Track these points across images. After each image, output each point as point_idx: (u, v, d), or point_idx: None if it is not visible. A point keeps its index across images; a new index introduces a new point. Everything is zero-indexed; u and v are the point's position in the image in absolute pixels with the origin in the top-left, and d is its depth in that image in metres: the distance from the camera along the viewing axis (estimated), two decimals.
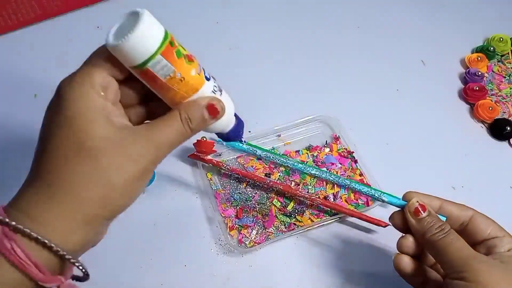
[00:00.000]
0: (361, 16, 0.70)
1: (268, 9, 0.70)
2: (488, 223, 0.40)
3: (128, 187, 0.30)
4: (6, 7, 0.64)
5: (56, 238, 0.29)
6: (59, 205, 0.29)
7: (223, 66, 0.63)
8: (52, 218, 0.29)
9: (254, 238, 0.49)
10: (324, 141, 0.57)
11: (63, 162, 0.29)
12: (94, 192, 0.29)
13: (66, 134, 0.30)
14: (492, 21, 0.70)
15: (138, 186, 0.31)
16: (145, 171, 0.31)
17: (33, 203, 0.29)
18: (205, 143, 0.52)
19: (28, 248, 0.28)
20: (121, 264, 0.47)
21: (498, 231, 0.39)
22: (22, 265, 0.28)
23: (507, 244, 0.38)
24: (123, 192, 0.30)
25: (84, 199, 0.29)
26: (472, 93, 0.61)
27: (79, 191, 0.29)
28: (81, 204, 0.29)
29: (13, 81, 0.60)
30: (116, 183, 0.30)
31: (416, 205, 0.39)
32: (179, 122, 0.32)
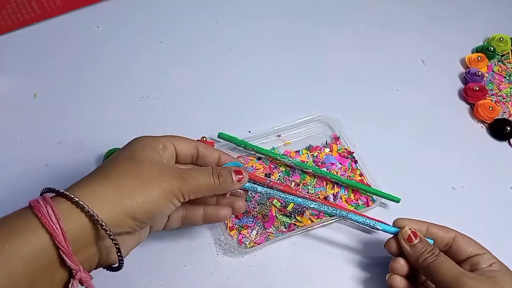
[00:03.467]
0: (361, 16, 0.70)
1: (268, 9, 0.70)
2: (470, 242, 0.44)
3: (155, 194, 0.37)
4: (6, 7, 0.64)
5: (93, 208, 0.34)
6: (98, 186, 0.36)
7: (223, 66, 0.63)
8: (90, 195, 0.34)
9: (254, 238, 0.49)
10: (324, 141, 0.57)
11: (115, 163, 0.38)
12: (129, 184, 0.36)
13: (125, 152, 0.39)
14: (492, 21, 0.70)
15: (162, 201, 0.38)
16: (168, 189, 0.38)
17: (80, 186, 0.35)
18: (205, 143, 0.52)
19: (63, 214, 0.32)
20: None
21: (479, 249, 0.43)
22: (52, 228, 0.32)
23: (488, 260, 0.42)
24: (148, 193, 0.37)
25: (122, 186, 0.36)
26: (472, 93, 0.61)
27: (119, 181, 0.36)
28: (119, 189, 0.36)
29: (13, 81, 0.60)
30: (146, 183, 0.37)
31: (408, 232, 0.44)
32: (209, 172, 0.41)
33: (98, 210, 0.34)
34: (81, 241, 0.34)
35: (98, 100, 0.59)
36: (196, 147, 0.43)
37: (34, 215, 0.32)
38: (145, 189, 0.36)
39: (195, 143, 0.44)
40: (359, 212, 0.50)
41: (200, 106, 0.59)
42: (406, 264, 0.44)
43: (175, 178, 0.38)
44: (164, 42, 0.65)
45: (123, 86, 0.60)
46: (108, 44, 0.64)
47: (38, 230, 0.32)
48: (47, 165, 0.53)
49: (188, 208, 0.43)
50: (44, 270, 0.32)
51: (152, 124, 0.57)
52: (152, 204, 0.37)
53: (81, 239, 0.34)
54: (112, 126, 0.57)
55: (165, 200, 0.38)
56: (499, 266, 0.42)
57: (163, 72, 0.62)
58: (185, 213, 0.44)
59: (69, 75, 0.61)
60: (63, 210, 0.33)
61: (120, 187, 0.36)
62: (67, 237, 0.32)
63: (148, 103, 0.59)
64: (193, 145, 0.43)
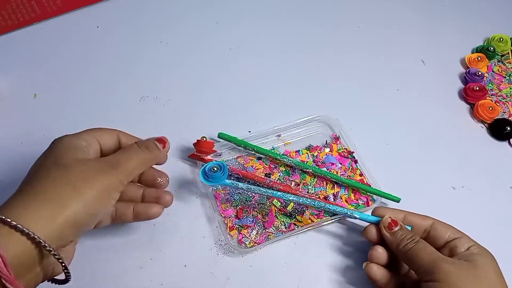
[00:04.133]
0: (361, 16, 0.70)
1: (268, 9, 0.70)
2: (447, 227, 0.44)
3: (93, 194, 0.36)
4: (6, 7, 0.64)
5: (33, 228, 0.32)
6: (32, 203, 0.34)
7: (223, 66, 0.63)
8: (26, 214, 0.33)
9: (254, 238, 0.49)
10: (324, 141, 0.57)
11: (43, 173, 0.36)
12: (63, 193, 0.35)
13: (49, 158, 0.38)
14: (492, 21, 0.70)
15: (103, 199, 0.37)
16: (106, 186, 0.37)
17: (13, 207, 0.34)
18: (205, 143, 0.52)
19: (2, 240, 0.31)
20: (121, 264, 0.47)
21: (456, 233, 0.44)
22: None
23: (465, 243, 0.43)
24: (89, 197, 0.36)
25: (54, 196, 0.34)
26: (472, 93, 0.61)
27: (50, 190, 0.35)
28: (51, 200, 0.34)
29: (13, 81, 0.60)
30: (80, 188, 0.35)
31: (389, 220, 0.45)
32: (136, 147, 0.41)
33: (38, 230, 0.32)
34: (25, 264, 0.33)
35: (98, 100, 0.59)
36: (117, 137, 0.43)
37: None
38: (81, 194, 0.35)
39: (116, 133, 0.43)
40: (340, 203, 0.51)
41: (200, 106, 0.59)
42: (385, 252, 0.45)
43: (108, 171, 0.38)
44: (164, 42, 0.65)
45: (123, 86, 0.60)
46: (108, 44, 0.64)
47: None
48: None
49: (117, 205, 0.42)
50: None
51: (152, 124, 0.57)
52: (92, 207, 0.36)
53: (24, 262, 0.33)
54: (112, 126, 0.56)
55: (104, 198, 0.37)
56: (478, 249, 0.42)
57: (163, 72, 0.62)
58: (115, 211, 0.43)
59: (69, 75, 0.61)
60: (1, 235, 0.31)
61: (54, 199, 0.34)
62: (8, 264, 0.31)
63: (148, 103, 0.59)
64: (115, 135, 0.43)
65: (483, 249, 0.42)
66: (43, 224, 0.33)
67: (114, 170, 0.38)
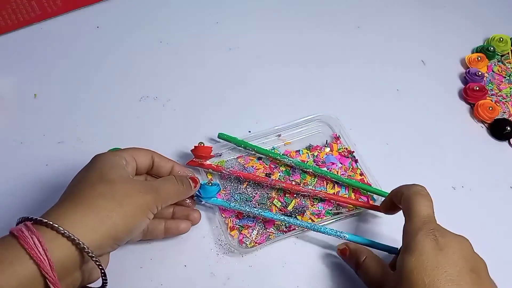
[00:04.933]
0: (361, 16, 0.70)
1: (268, 9, 0.70)
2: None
3: (132, 212, 0.39)
4: (6, 7, 0.64)
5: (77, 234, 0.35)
6: (79, 214, 0.36)
7: (223, 66, 0.63)
8: (73, 223, 0.35)
9: (254, 238, 0.49)
10: (325, 141, 0.57)
11: (88, 186, 0.38)
12: (107, 206, 0.37)
13: (92, 173, 0.40)
14: (492, 21, 0.70)
15: (140, 217, 0.39)
16: (145, 205, 0.40)
17: (59, 214, 0.36)
18: (203, 148, 0.52)
19: (48, 244, 0.33)
20: (121, 264, 0.47)
21: None
22: (40, 259, 0.32)
23: None
24: (128, 214, 0.38)
25: (100, 210, 0.37)
26: (472, 93, 0.61)
27: (96, 204, 0.37)
28: (97, 213, 0.36)
29: (13, 81, 0.60)
30: (123, 203, 0.38)
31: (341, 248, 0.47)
32: (174, 180, 0.45)
33: (82, 237, 0.35)
34: (66, 268, 0.35)
35: (98, 100, 0.59)
36: (152, 157, 0.46)
37: (20, 245, 0.33)
38: (123, 209, 0.38)
39: (151, 153, 0.46)
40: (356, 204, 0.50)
41: (200, 106, 0.59)
42: None
43: (149, 193, 0.41)
44: (164, 42, 0.65)
45: (123, 86, 0.60)
46: (108, 44, 0.64)
47: (26, 261, 0.32)
48: (47, 165, 0.53)
49: (150, 222, 0.44)
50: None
51: (152, 124, 0.57)
52: (131, 222, 0.38)
53: (66, 266, 0.35)
54: (112, 126, 0.57)
55: (142, 216, 0.40)
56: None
57: (163, 72, 0.62)
58: (147, 227, 0.45)
59: (69, 75, 0.61)
60: (48, 239, 0.34)
61: (99, 211, 0.37)
62: (54, 267, 0.33)
63: (148, 103, 0.59)
64: (149, 155, 0.46)
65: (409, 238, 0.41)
66: (87, 233, 0.35)
67: (154, 193, 0.41)
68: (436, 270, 0.36)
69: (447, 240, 0.38)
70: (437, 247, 0.38)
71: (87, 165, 0.42)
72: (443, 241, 0.38)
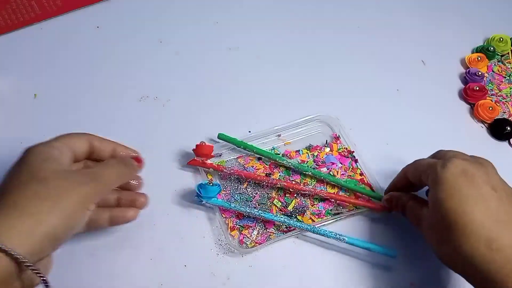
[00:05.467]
0: (361, 16, 0.70)
1: (268, 9, 0.70)
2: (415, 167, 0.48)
3: (69, 207, 0.36)
4: (6, 7, 0.64)
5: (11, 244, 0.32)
6: (12, 219, 0.33)
7: (223, 66, 0.63)
8: (4, 230, 0.32)
9: (255, 238, 0.49)
10: (324, 141, 0.57)
11: (19, 186, 0.35)
12: (42, 206, 0.34)
13: (22, 170, 0.37)
14: (492, 21, 0.70)
15: (77, 210, 0.37)
16: (84, 198, 0.37)
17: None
18: (204, 147, 0.52)
19: None
20: (121, 264, 0.47)
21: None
22: None
23: None
24: (65, 211, 0.35)
25: (34, 212, 0.34)
26: (472, 93, 0.61)
27: (29, 205, 0.34)
28: (31, 216, 0.34)
29: (13, 81, 0.60)
30: (60, 201, 0.35)
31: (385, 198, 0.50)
32: (117, 163, 0.42)
33: (16, 245, 0.32)
34: (3, 281, 0.33)
35: (98, 100, 0.59)
36: (89, 141, 0.43)
37: None
38: (60, 207, 0.35)
39: (86, 137, 0.43)
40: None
41: (200, 106, 0.59)
42: None
43: (88, 183, 0.38)
44: (164, 42, 0.65)
45: (123, 86, 0.60)
46: (108, 44, 0.64)
47: None
48: None
49: (93, 212, 0.42)
50: None
51: (152, 124, 0.57)
52: (70, 219, 0.36)
53: (2, 278, 0.32)
54: (112, 126, 0.57)
55: (82, 210, 0.37)
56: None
57: (163, 72, 0.62)
58: (89, 218, 0.42)
59: (69, 75, 0.61)
60: None
61: (34, 214, 0.34)
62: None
63: (148, 103, 0.59)
64: (86, 141, 0.43)
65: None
66: (22, 240, 0.33)
67: (94, 182, 0.38)
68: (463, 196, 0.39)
69: (471, 167, 0.41)
70: (462, 174, 0.40)
71: (17, 161, 0.38)
72: (467, 168, 0.41)
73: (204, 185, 0.48)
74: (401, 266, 0.49)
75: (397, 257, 0.48)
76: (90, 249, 0.48)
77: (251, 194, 0.51)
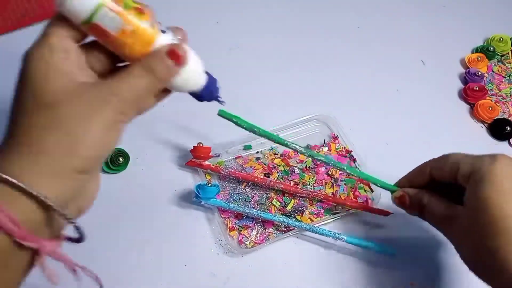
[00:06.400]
0: (361, 16, 0.70)
1: (268, 9, 0.70)
2: (443, 163, 0.42)
3: (94, 136, 0.29)
4: (6, 7, 0.64)
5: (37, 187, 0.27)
6: (25, 157, 0.28)
7: (223, 66, 0.63)
8: (21, 171, 0.28)
9: (254, 239, 0.49)
10: (323, 141, 0.57)
11: (24, 116, 0.29)
12: (55, 141, 0.28)
13: (26, 93, 0.30)
14: (492, 21, 0.70)
15: (107, 136, 0.30)
16: (112, 121, 0.30)
17: (4, 160, 0.28)
18: (202, 149, 0.52)
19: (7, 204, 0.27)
20: (121, 264, 0.47)
21: (453, 163, 0.40)
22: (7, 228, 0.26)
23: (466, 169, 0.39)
24: (89, 142, 0.29)
25: (47, 151, 0.28)
26: (472, 93, 0.61)
27: (40, 142, 0.28)
28: (46, 156, 0.28)
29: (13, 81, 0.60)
30: (78, 132, 0.29)
31: (398, 195, 0.45)
32: (141, 72, 0.31)
33: (46, 190, 0.27)
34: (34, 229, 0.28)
35: None
36: None
37: None
38: (79, 141, 0.29)
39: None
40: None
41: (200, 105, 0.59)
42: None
43: (108, 100, 0.29)
44: None
45: None
46: None
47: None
48: None
49: None
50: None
51: (152, 124, 0.57)
52: (96, 153, 0.30)
53: (33, 227, 0.28)
54: None
55: (110, 137, 0.30)
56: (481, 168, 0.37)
57: None
58: None
59: None
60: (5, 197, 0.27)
61: (53, 152, 0.28)
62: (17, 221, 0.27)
63: None
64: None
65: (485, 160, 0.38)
66: (51, 183, 0.28)
67: (115, 98, 0.30)
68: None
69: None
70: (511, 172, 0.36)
71: (19, 76, 0.32)
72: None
73: (203, 186, 0.48)
74: (401, 265, 0.49)
75: (397, 256, 0.48)
76: (90, 250, 0.48)
77: (250, 194, 0.52)
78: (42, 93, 0.29)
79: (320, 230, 0.48)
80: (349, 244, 0.48)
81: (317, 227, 0.48)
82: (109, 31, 0.30)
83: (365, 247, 0.48)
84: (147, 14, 0.32)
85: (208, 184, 0.49)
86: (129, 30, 0.30)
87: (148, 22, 0.32)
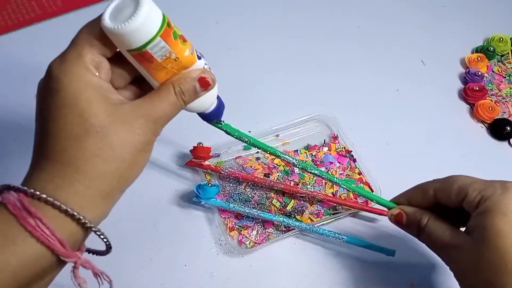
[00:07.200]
0: (361, 16, 0.70)
1: (268, 9, 0.70)
2: (449, 188, 0.40)
3: (136, 159, 0.31)
4: (6, 7, 0.64)
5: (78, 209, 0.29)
6: (73, 182, 0.29)
7: (223, 66, 0.63)
8: (67, 195, 0.29)
9: (254, 239, 0.49)
10: (323, 140, 0.57)
11: (72, 141, 0.30)
12: (106, 167, 0.30)
13: (69, 115, 0.30)
14: (492, 21, 0.70)
15: (144, 157, 0.32)
16: (148, 142, 0.32)
17: (47, 182, 0.29)
18: (202, 149, 0.52)
19: (52, 223, 0.28)
20: (121, 264, 0.47)
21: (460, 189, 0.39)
22: (47, 240, 0.28)
23: (475, 196, 0.37)
24: (132, 164, 0.31)
25: (97, 175, 0.30)
26: (472, 93, 0.61)
27: (92, 167, 0.30)
28: (95, 179, 0.30)
29: (14, 81, 0.60)
30: (125, 156, 0.30)
31: (395, 213, 0.43)
32: (173, 95, 0.33)
33: (89, 213, 0.30)
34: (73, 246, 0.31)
35: None
36: None
37: (17, 222, 0.28)
38: (129, 165, 0.31)
39: None
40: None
41: None
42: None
43: (145, 124, 0.31)
44: None
45: None
46: None
47: (28, 240, 0.28)
48: None
49: None
50: (35, 276, 0.29)
51: None
52: (140, 169, 0.32)
53: (73, 244, 0.30)
54: None
55: (147, 155, 0.33)
56: (491, 197, 0.36)
57: None
58: None
59: None
60: (50, 218, 0.28)
61: (102, 177, 0.30)
62: (65, 243, 0.29)
63: None
64: None
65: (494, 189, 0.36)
66: (89, 205, 0.30)
67: (151, 121, 0.32)
68: None
69: None
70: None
71: (53, 97, 0.31)
72: None
73: (203, 186, 0.48)
74: (400, 265, 0.49)
75: (397, 256, 0.48)
76: None
77: (250, 194, 0.52)
78: (88, 117, 0.30)
79: (320, 230, 0.48)
80: (349, 244, 0.48)
81: (317, 227, 0.48)
82: (156, 58, 0.31)
83: (365, 247, 0.48)
84: (188, 42, 0.33)
85: (208, 184, 0.49)
86: (173, 58, 0.32)
87: (189, 49, 0.33)
